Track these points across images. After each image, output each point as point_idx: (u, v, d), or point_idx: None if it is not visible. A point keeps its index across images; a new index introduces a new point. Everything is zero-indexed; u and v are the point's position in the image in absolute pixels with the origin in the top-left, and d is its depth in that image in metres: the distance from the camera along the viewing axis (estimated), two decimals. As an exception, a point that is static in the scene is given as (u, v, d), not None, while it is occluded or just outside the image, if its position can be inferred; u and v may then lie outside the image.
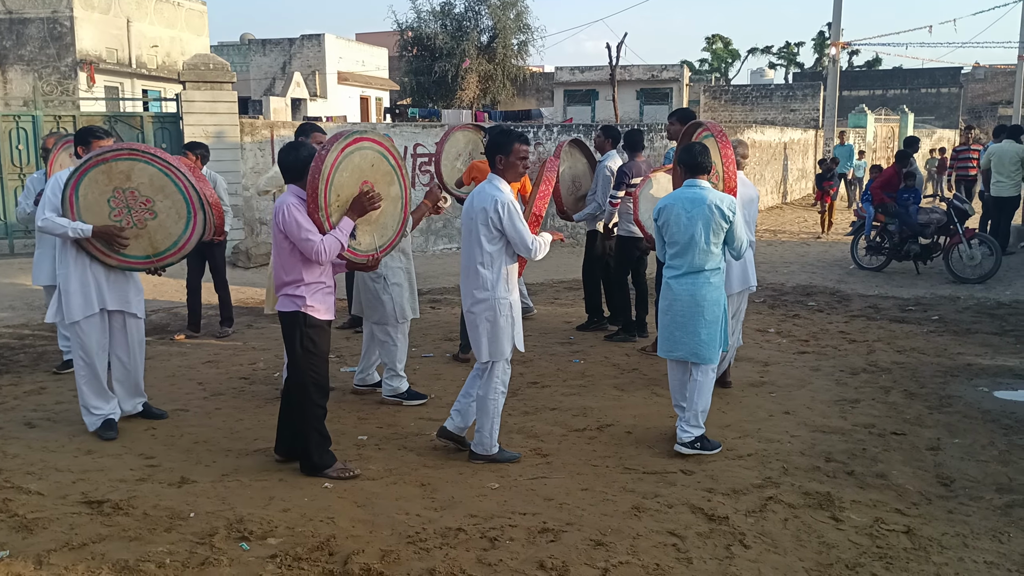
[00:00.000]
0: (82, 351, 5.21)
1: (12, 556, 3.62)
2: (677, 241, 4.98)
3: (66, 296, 5.12)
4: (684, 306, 4.97)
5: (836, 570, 3.60)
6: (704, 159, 5.02)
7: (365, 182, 4.54)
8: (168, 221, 5.13)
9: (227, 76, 12.40)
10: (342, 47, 34.77)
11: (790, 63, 57.12)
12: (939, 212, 11.18)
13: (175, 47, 23.58)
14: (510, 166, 4.65)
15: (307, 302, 4.45)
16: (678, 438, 4.95)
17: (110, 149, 5.04)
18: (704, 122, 5.91)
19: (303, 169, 4.42)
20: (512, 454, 4.89)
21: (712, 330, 4.97)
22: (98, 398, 5.26)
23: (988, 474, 4.66)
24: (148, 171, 5.03)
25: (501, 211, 4.52)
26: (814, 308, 9.27)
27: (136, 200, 5.04)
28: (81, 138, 5.37)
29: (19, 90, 19.46)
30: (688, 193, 4.98)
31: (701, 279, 4.96)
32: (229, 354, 7.35)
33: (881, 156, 29.90)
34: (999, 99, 47.59)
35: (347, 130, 4.55)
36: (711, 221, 4.87)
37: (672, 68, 35.30)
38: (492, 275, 4.62)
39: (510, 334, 4.70)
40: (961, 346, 7.51)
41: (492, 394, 4.74)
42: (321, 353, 4.55)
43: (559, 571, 3.54)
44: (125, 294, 5.27)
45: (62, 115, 12.30)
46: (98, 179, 4.98)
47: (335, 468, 4.57)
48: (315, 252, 4.33)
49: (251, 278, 11.28)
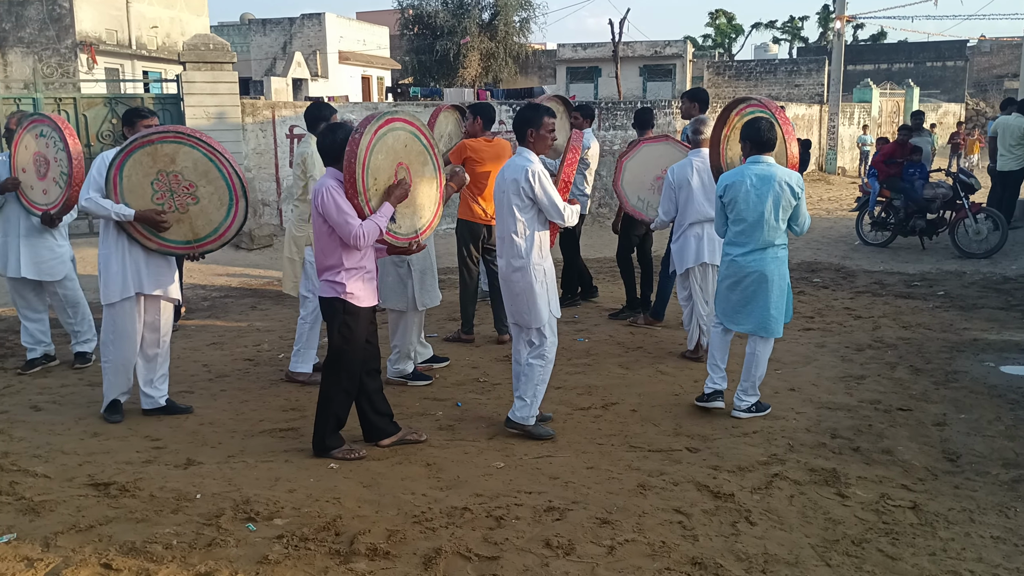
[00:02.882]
0: (113, 335, 5.10)
1: (19, 538, 3.63)
2: (745, 218, 5.02)
3: (105, 277, 5.04)
4: (753, 281, 5.07)
5: (842, 546, 3.60)
6: (772, 135, 5.05)
7: (400, 164, 4.55)
8: (210, 207, 5.10)
9: (227, 56, 12.32)
10: (343, 26, 34.56)
11: (794, 38, 56.62)
12: (945, 187, 11.11)
13: (175, 28, 23.43)
14: (540, 139, 4.78)
15: (347, 289, 4.46)
16: (735, 405, 5.19)
17: (155, 131, 4.98)
18: (750, 97, 5.99)
19: (340, 151, 4.39)
20: (547, 431, 4.93)
21: (780, 304, 5.10)
22: (119, 384, 5.18)
23: (994, 449, 4.65)
24: (193, 155, 5.01)
25: (532, 180, 4.64)
26: (819, 284, 9.24)
27: (179, 184, 5.01)
28: (127, 119, 5.33)
29: (19, 73, 19.37)
30: (755, 169, 5.01)
31: (769, 255, 5.04)
32: (233, 336, 7.35)
33: (887, 131, 29.72)
34: (1005, 72, 47.17)
35: (378, 112, 4.52)
36: (781, 198, 4.94)
37: (675, 44, 35.05)
38: (526, 243, 4.74)
39: (546, 299, 4.81)
40: (967, 321, 7.48)
41: (538, 360, 4.86)
42: (357, 340, 4.54)
43: (565, 549, 3.54)
44: (163, 278, 5.18)
45: (62, 97, 12.24)
46: (143, 161, 4.94)
47: (342, 450, 4.59)
48: (353, 236, 4.31)
49: (254, 260, 11.27)
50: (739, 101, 5.97)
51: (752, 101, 5.86)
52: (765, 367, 5.20)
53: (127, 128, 5.29)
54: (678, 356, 6.58)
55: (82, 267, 6.60)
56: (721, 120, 5.91)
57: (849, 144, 26.35)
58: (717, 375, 5.33)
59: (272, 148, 12.92)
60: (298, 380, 5.94)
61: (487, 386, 5.88)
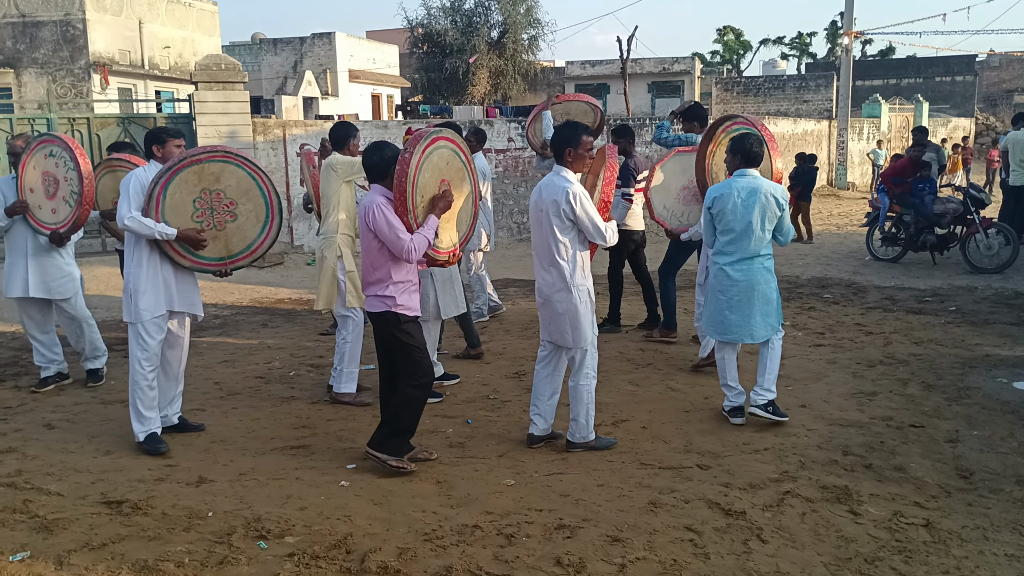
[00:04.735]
0: (141, 353, 5.01)
1: (33, 556, 3.65)
2: (733, 228, 5.18)
3: (135, 296, 4.98)
4: (741, 291, 5.23)
5: (855, 564, 3.58)
6: (760, 150, 5.26)
7: (443, 180, 4.66)
8: (247, 224, 5.19)
9: (239, 76, 12.45)
10: (353, 45, 34.80)
11: (802, 53, 56.73)
12: (955, 202, 11.08)
13: (187, 48, 23.69)
14: (578, 157, 4.78)
15: (397, 301, 4.57)
16: (752, 401, 5.30)
17: (203, 150, 5.07)
18: (737, 115, 6.24)
19: (386, 169, 4.55)
20: (609, 440, 5.00)
21: (767, 310, 5.26)
22: (150, 407, 5.06)
23: (1008, 466, 4.62)
24: (237, 174, 5.10)
25: (573, 201, 4.63)
26: (830, 300, 9.21)
27: (220, 202, 5.07)
28: (157, 139, 5.12)
29: (33, 93, 19.60)
30: (742, 182, 5.20)
31: (756, 264, 5.22)
32: (245, 353, 7.39)
33: (896, 146, 29.68)
34: (1015, 87, 47.12)
35: (425, 130, 4.63)
36: (767, 208, 5.14)
37: (683, 61, 35.21)
38: (568, 264, 4.74)
39: (590, 319, 4.82)
40: (979, 337, 7.45)
41: (584, 380, 4.86)
42: (420, 344, 4.68)
43: (576, 567, 3.54)
44: (191, 295, 5.19)
45: (76, 117, 12.38)
46: (188, 179, 4.98)
47: (396, 459, 4.63)
48: (406, 251, 4.45)
49: (265, 277, 11.32)
50: (726, 119, 6.19)
51: (739, 119, 6.15)
52: (778, 364, 5.35)
53: (158, 147, 5.10)
54: (690, 369, 6.58)
55: (94, 286, 6.63)
56: (707, 137, 6.12)
57: (859, 159, 26.33)
58: (732, 393, 5.39)
59: (283, 166, 13.02)
60: (343, 401, 5.91)
61: (497, 403, 5.88)
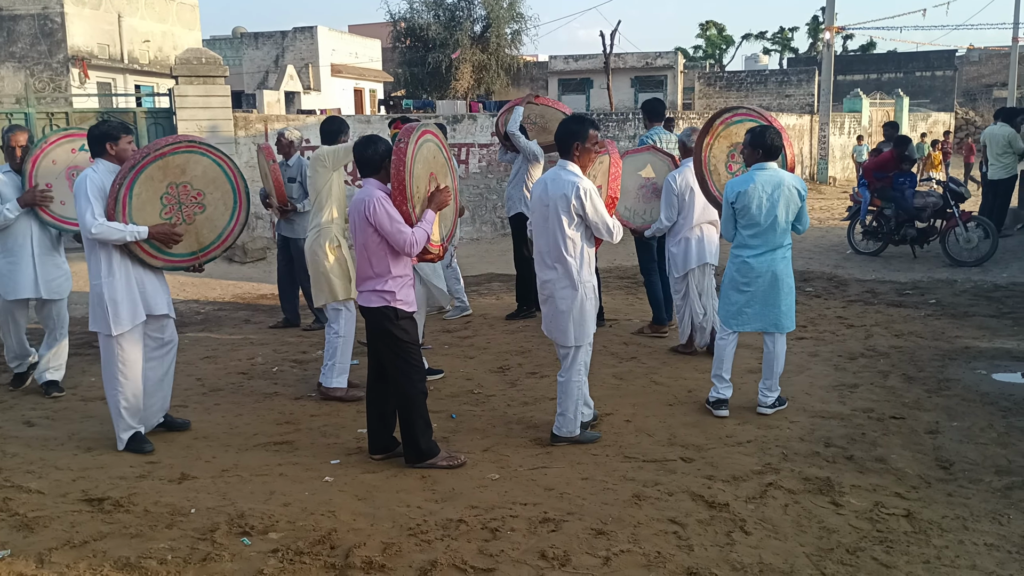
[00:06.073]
0: (123, 365, 4.81)
1: (13, 555, 3.62)
2: (758, 222, 5.22)
3: (113, 306, 4.73)
4: (766, 282, 5.29)
5: (837, 555, 3.61)
6: (779, 142, 5.27)
7: (432, 174, 4.67)
8: (215, 214, 5.05)
9: (220, 70, 12.35)
10: (335, 39, 34.66)
11: (784, 48, 56.91)
12: (935, 195, 11.18)
13: (167, 42, 23.48)
14: (585, 152, 4.75)
15: (396, 296, 4.53)
16: (759, 403, 5.40)
17: (166, 143, 4.86)
18: (738, 107, 6.25)
19: (380, 162, 4.53)
20: (593, 434, 5.00)
21: (790, 300, 5.35)
22: (134, 416, 4.91)
23: (987, 456, 4.67)
24: (203, 163, 4.96)
25: (584, 197, 4.60)
26: (811, 293, 9.27)
27: (188, 194, 4.92)
28: (110, 136, 4.82)
29: (11, 88, 19.36)
30: (764, 176, 5.22)
31: (779, 255, 5.29)
32: (227, 349, 7.34)
33: (877, 140, 29.88)
34: (994, 81, 47.48)
35: (415, 123, 4.64)
36: (791, 200, 5.19)
37: (666, 55, 35.22)
38: (577, 261, 4.71)
39: (593, 316, 4.82)
40: (959, 329, 7.52)
41: (575, 376, 4.86)
42: (415, 340, 4.66)
43: (560, 560, 3.54)
44: (165, 295, 5.01)
45: (55, 112, 12.23)
46: (154, 175, 4.78)
47: (441, 457, 4.59)
48: (408, 244, 4.42)
49: (247, 273, 11.27)
50: (725, 111, 6.16)
51: (740, 110, 6.05)
52: (783, 362, 5.42)
53: (111, 144, 4.81)
54: (668, 350, 6.90)
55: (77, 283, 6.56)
56: (705, 129, 6.09)
57: (840, 154, 26.47)
58: (722, 384, 5.42)
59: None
60: (334, 396, 5.83)
61: (481, 398, 5.88)
